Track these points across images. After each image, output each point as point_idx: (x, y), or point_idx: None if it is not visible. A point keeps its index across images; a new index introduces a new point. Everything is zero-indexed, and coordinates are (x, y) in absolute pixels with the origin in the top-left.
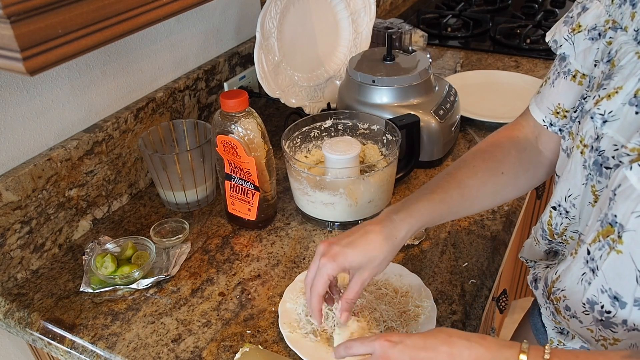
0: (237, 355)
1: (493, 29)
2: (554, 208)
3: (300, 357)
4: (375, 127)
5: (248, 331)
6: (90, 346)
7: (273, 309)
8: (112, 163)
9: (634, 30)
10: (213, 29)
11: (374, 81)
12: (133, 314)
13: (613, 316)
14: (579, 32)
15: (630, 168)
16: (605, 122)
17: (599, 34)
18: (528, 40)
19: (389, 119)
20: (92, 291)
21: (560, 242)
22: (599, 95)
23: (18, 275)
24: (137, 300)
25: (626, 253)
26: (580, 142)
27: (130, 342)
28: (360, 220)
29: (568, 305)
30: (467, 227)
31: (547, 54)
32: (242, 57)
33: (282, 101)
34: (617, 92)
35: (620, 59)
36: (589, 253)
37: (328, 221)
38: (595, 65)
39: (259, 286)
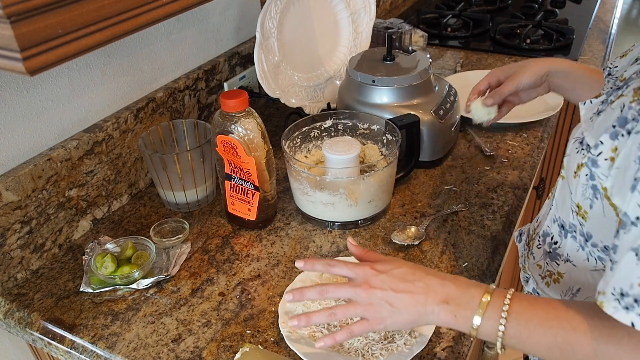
0: (237, 355)
1: (493, 29)
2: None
3: (300, 357)
4: (375, 127)
5: (248, 331)
6: (90, 346)
7: (273, 309)
8: (112, 163)
9: None
10: (213, 29)
11: (374, 81)
12: (133, 314)
13: (558, 247)
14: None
15: (584, 103)
16: (609, 74)
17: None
18: (528, 40)
19: (389, 119)
20: (92, 291)
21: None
22: (619, 57)
23: (18, 275)
24: (137, 300)
25: (565, 177)
26: None
27: (130, 342)
28: (360, 220)
29: (536, 244)
30: (467, 227)
31: (547, 54)
32: (242, 57)
33: (282, 101)
34: (627, 54)
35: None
36: (555, 188)
37: (328, 221)
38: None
39: (259, 286)
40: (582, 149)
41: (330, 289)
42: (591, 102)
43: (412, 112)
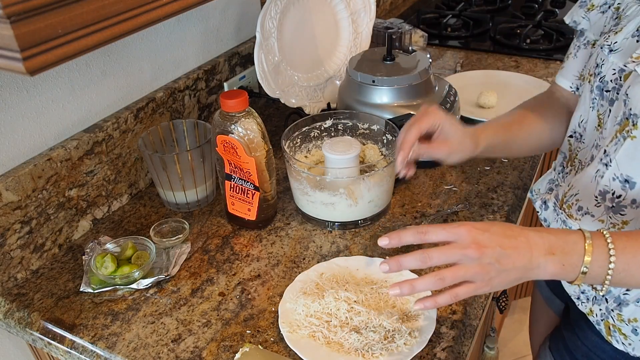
0: (237, 355)
1: (493, 29)
2: (570, 136)
3: (300, 357)
4: (375, 127)
5: (248, 331)
6: (90, 346)
7: (273, 309)
8: (112, 163)
9: None
10: (213, 29)
11: (374, 81)
12: (133, 314)
13: (623, 199)
14: (592, 9)
15: (639, 65)
16: (610, 51)
17: (608, 6)
18: (528, 40)
19: (389, 119)
20: (92, 291)
21: (569, 167)
22: (608, 35)
23: (18, 275)
24: (137, 300)
25: (639, 136)
26: (588, 73)
27: (130, 342)
28: (360, 220)
29: (580, 205)
30: None
31: (547, 54)
32: (242, 57)
33: (282, 101)
34: (622, 29)
35: (625, 11)
36: (605, 152)
37: (328, 221)
38: (604, 27)
39: (259, 286)
40: None
41: (434, 255)
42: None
43: (412, 112)
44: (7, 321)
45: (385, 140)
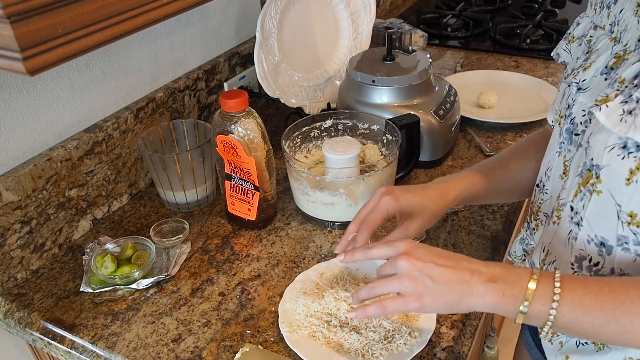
0: (237, 355)
1: (493, 29)
2: (537, 185)
3: (300, 357)
4: (375, 127)
5: (248, 331)
6: (90, 346)
7: (273, 309)
8: (112, 163)
9: (609, 24)
10: (213, 29)
11: (374, 81)
12: (133, 314)
13: (601, 267)
14: (573, 42)
15: (600, 109)
16: (579, 89)
17: (585, 38)
18: (528, 40)
19: (389, 119)
20: (92, 291)
21: (534, 221)
22: (577, 71)
23: (18, 275)
24: (137, 300)
25: (605, 191)
26: (559, 114)
27: (130, 342)
28: None
29: None
30: (467, 227)
31: (547, 54)
32: (242, 57)
33: (282, 101)
34: (590, 65)
35: (596, 44)
36: (572, 209)
37: (328, 221)
38: (576, 61)
39: (259, 286)
40: (630, 153)
41: (378, 269)
42: (607, 106)
43: (412, 112)
44: (7, 321)
45: (385, 140)
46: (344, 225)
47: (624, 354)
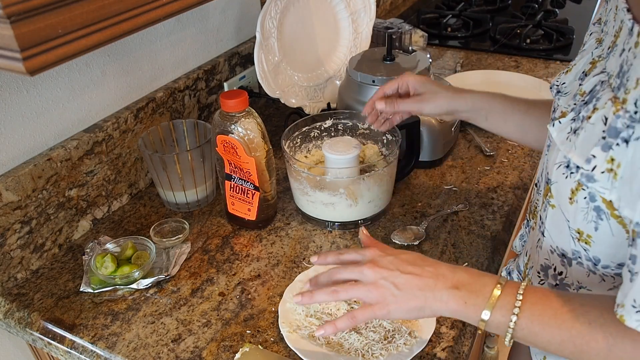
0: (237, 355)
1: (493, 29)
2: (536, 185)
3: (300, 357)
4: (375, 127)
5: (248, 331)
6: (90, 346)
7: (273, 309)
8: (112, 163)
9: (603, 22)
10: (213, 29)
11: (374, 81)
12: (133, 314)
13: (565, 277)
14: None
15: (553, 125)
16: (558, 92)
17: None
18: (528, 40)
19: None
20: (92, 291)
21: (532, 219)
22: (562, 73)
23: (18, 275)
24: (137, 300)
25: (557, 206)
26: (551, 118)
27: (130, 342)
28: (360, 220)
29: (533, 282)
30: (467, 227)
31: (547, 54)
32: (242, 57)
33: (282, 101)
34: (571, 68)
35: (587, 43)
36: (540, 218)
37: (328, 221)
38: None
39: (259, 286)
40: (572, 172)
41: (338, 271)
42: (560, 122)
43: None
44: (7, 321)
45: (385, 140)
46: (344, 225)
47: None
